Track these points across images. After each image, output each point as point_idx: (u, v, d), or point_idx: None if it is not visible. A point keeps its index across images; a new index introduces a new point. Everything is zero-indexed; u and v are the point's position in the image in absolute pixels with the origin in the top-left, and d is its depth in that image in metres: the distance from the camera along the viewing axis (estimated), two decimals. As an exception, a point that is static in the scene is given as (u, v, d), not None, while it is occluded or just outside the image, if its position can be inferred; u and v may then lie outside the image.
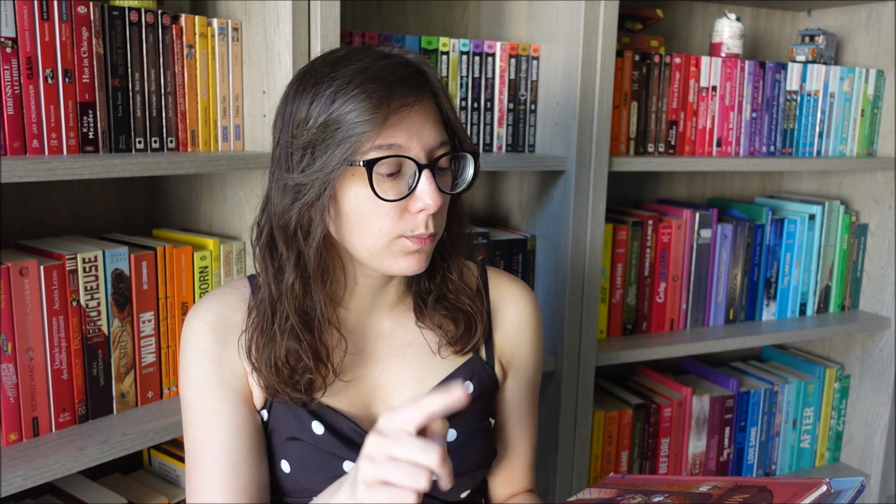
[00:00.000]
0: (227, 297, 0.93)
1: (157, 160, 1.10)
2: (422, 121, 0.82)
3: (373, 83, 0.80)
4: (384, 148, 0.80)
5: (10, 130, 1.02)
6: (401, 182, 0.82)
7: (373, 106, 0.79)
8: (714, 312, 1.81)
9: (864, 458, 2.05)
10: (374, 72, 0.81)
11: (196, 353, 0.91)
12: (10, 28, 1.01)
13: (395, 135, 0.80)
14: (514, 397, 1.03)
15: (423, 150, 0.82)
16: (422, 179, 0.82)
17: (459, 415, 0.92)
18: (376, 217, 0.82)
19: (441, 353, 0.95)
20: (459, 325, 0.95)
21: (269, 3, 1.21)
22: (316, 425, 0.90)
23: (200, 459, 0.90)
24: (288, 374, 0.87)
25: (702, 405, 1.85)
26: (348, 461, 0.90)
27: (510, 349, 1.01)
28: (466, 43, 1.47)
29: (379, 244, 0.84)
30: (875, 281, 1.99)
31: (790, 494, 0.76)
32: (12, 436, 1.07)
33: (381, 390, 0.95)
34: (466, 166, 0.88)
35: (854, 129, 1.89)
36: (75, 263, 1.10)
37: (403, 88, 0.81)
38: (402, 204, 0.82)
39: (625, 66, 1.59)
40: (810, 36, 1.87)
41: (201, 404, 0.91)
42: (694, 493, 0.83)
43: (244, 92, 1.27)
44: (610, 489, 0.92)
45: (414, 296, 0.96)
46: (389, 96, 0.80)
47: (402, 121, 0.81)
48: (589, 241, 1.53)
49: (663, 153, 1.67)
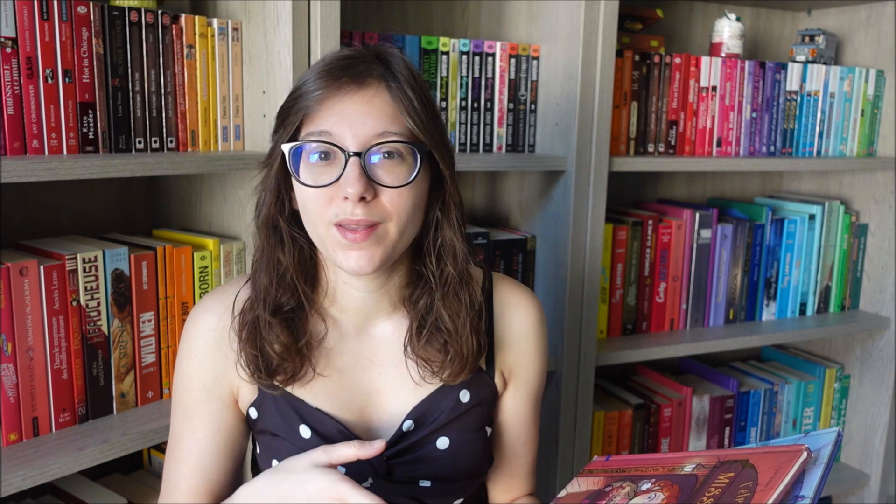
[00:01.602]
0: (227, 296, 0.94)
1: (157, 160, 1.10)
2: (360, 110, 0.82)
3: (322, 70, 0.83)
4: (314, 134, 0.83)
5: (10, 130, 1.02)
6: (332, 169, 0.82)
7: (310, 94, 0.83)
8: (714, 312, 1.81)
9: (864, 458, 2.05)
10: (329, 60, 0.84)
11: (188, 356, 0.94)
12: (10, 28, 1.01)
13: (326, 121, 0.82)
14: (515, 407, 1.01)
15: (356, 139, 0.81)
16: (347, 167, 0.81)
17: (453, 423, 0.92)
18: (309, 201, 0.84)
19: (425, 379, 0.92)
20: (451, 360, 0.90)
21: (269, 3, 1.21)
22: (303, 429, 0.91)
23: (176, 452, 0.95)
24: (265, 370, 0.89)
25: (702, 405, 1.85)
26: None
27: (513, 360, 0.99)
28: (466, 43, 1.47)
29: (319, 231, 0.85)
30: (875, 281, 1.99)
31: (774, 469, 0.76)
32: (12, 436, 1.07)
33: (377, 395, 0.94)
34: (414, 158, 0.84)
35: (854, 129, 1.89)
36: (75, 263, 1.10)
37: (346, 78, 0.82)
38: (332, 190, 0.82)
39: (625, 66, 1.59)
40: (810, 36, 1.87)
41: (183, 403, 0.94)
42: (680, 476, 0.83)
43: (244, 92, 1.27)
44: (597, 477, 0.91)
45: (413, 314, 0.92)
46: (327, 85, 0.82)
47: (336, 108, 0.82)
48: (589, 241, 1.53)
49: (663, 153, 1.67)
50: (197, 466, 0.93)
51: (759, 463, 0.79)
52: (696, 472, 0.83)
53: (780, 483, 0.73)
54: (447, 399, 0.93)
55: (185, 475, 0.94)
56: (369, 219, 0.82)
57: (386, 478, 0.91)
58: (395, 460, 0.91)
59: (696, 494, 0.79)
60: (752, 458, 0.81)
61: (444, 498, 0.94)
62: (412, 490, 0.92)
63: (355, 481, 0.75)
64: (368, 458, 0.80)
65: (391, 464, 0.91)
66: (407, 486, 0.92)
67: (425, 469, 0.92)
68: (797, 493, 0.75)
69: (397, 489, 0.91)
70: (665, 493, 0.81)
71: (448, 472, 0.92)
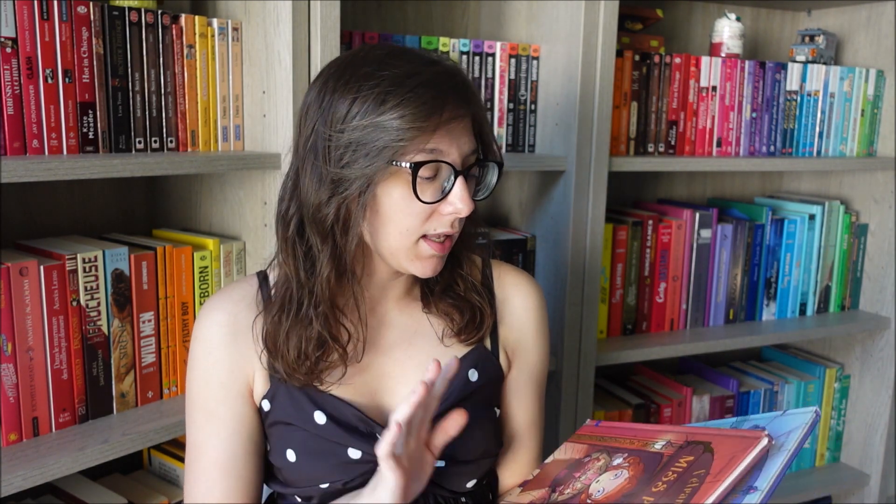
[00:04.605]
0: (237, 294, 0.94)
1: (157, 160, 1.10)
2: (463, 129, 0.86)
3: (427, 90, 0.81)
4: (427, 152, 0.83)
5: (10, 130, 1.02)
6: (435, 184, 0.85)
7: (426, 113, 0.81)
8: (714, 312, 1.81)
9: (864, 458, 2.05)
10: (426, 77, 0.82)
11: (203, 354, 0.93)
12: (10, 28, 1.01)
13: (440, 141, 0.83)
14: (519, 387, 1.03)
15: (460, 157, 0.85)
16: (457, 184, 0.85)
17: (463, 402, 0.93)
18: (407, 216, 0.85)
19: (445, 342, 0.97)
20: (465, 315, 0.96)
21: (269, 3, 1.21)
22: (318, 415, 0.91)
23: (199, 458, 0.94)
24: (314, 360, 0.89)
25: (702, 405, 1.85)
26: (352, 448, 0.91)
27: (515, 339, 1.02)
28: (466, 43, 1.47)
29: (403, 243, 0.86)
30: (875, 281, 1.99)
31: (729, 457, 0.77)
32: (12, 436, 1.06)
33: (388, 378, 0.95)
34: (490, 174, 0.92)
35: (854, 129, 1.89)
36: (75, 263, 1.10)
37: (455, 99, 0.83)
38: (434, 205, 0.85)
39: (625, 66, 1.59)
40: (810, 36, 1.87)
41: (202, 405, 0.93)
42: (649, 453, 0.86)
43: (244, 92, 1.27)
44: (582, 444, 0.97)
45: (422, 286, 0.98)
46: (443, 105, 0.82)
47: (449, 129, 0.84)
48: (589, 241, 1.53)
49: (663, 153, 1.67)
50: (226, 469, 0.93)
51: (718, 448, 0.80)
52: (664, 450, 0.85)
53: (729, 475, 0.74)
54: (457, 378, 0.94)
55: (216, 479, 0.92)
56: (459, 231, 0.89)
57: None
58: None
59: (654, 477, 0.80)
60: (715, 442, 0.82)
61: (458, 478, 0.96)
62: None
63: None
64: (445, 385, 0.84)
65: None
66: None
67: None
68: (750, 484, 0.75)
69: None
70: (630, 473, 0.84)
71: (460, 452, 0.93)
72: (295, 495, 0.95)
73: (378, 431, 0.91)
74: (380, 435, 0.90)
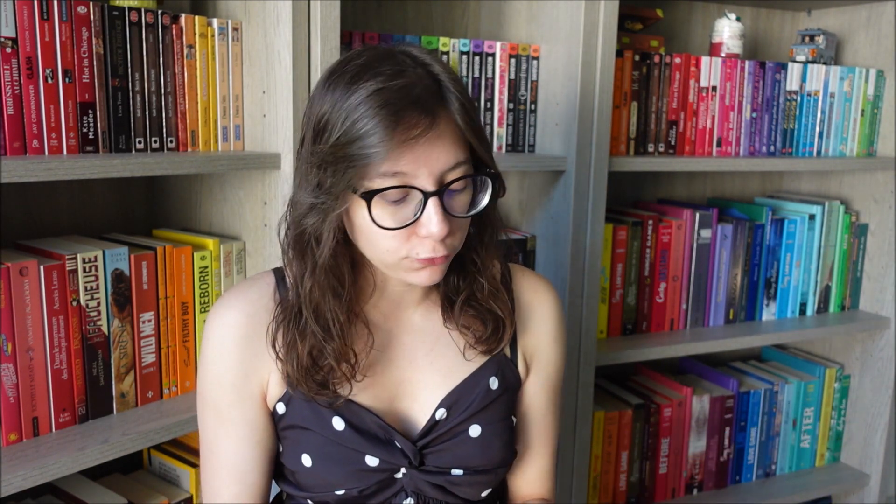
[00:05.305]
0: (254, 293, 0.92)
1: (157, 160, 1.10)
2: (433, 145, 0.79)
3: (383, 109, 0.76)
4: (388, 176, 0.78)
5: (10, 130, 1.02)
6: (407, 208, 0.80)
7: (379, 135, 0.76)
8: (714, 312, 1.81)
9: (864, 458, 2.05)
10: (386, 95, 0.77)
11: (215, 355, 0.91)
12: (10, 28, 1.01)
13: (399, 163, 0.77)
14: (534, 395, 1.02)
15: (432, 176, 0.79)
16: (427, 208, 0.79)
17: (484, 411, 0.93)
18: (384, 238, 0.81)
19: (466, 356, 0.94)
20: (488, 326, 0.94)
21: (269, 3, 1.21)
22: (336, 421, 0.90)
23: (210, 458, 0.94)
24: (313, 373, 0.88)
25: (702, 405, 1.85)
26: (370, 456, 0.90)
27: (533, 346, 1.01)
28: (466, 43, 1.47)
29: (389, 261, 0.84)
30: (875, 281, 1.99)
31: None
32: (12, 436, 1.07)
33: (408, 384, 0.94)
34: (484, 187, 0.85)
35: (854, 129, 1.89)
36: (75, 263, 1.10)
37: (414, 114, 0.77)
38: (410, 228, 0.80)
39: (625, 66, 1.59)
40: (810, 36, 1.87)
41: (214, 406, 0.92)
42: None
43: (244, 92, 1.27)
44: None
45: (442, 294, 0.95)
46: (396, 124, 0.76)
47: (410, 148, 0.77)
48: (589, 241, 1.53)
49: (663, 153, 1.67)
50: (235, 472, 0.92)
51: None
52: None
53: None
54: (478, 386, 0.94)
55: (226, 482, 0.93)
56: (447, 251, 0.83)
57: (419, 467, 0.92)
58: (427, 449, 0.92)
59: None
60: None
61: (474, 487, 0.95)
62: (444, 479, 0.92)
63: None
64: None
65: (424, 453, 0.92)
66: (439, 476, 0.92)
67: (457, 457, 0.93)
68: None
69: (429, 478, 0.92)
70: None
71: (479, 461, 0.93)
72: (308, 499, 0.94)
73: (397, 439, 0.91)
74: (398, 443, 0.91)
